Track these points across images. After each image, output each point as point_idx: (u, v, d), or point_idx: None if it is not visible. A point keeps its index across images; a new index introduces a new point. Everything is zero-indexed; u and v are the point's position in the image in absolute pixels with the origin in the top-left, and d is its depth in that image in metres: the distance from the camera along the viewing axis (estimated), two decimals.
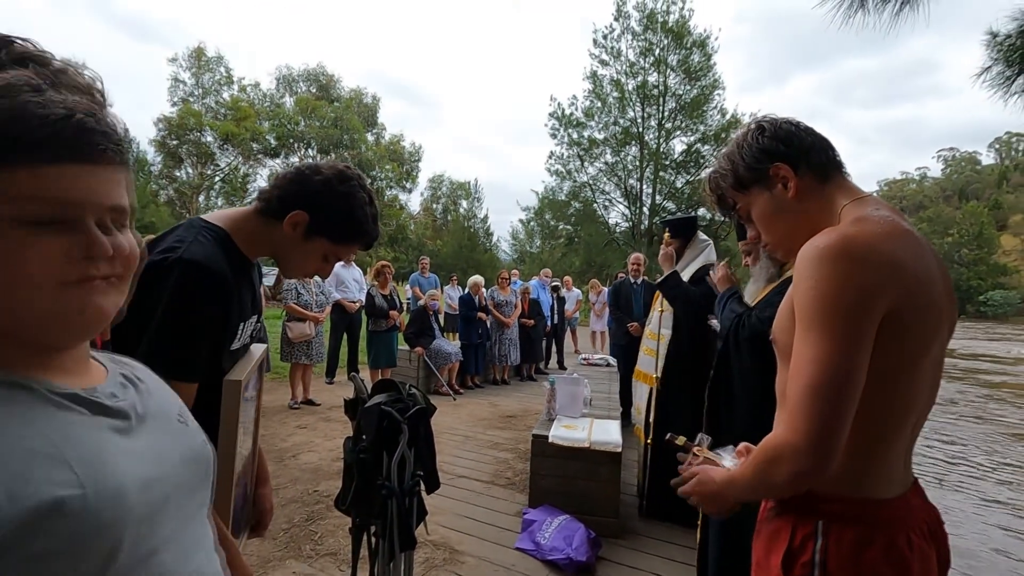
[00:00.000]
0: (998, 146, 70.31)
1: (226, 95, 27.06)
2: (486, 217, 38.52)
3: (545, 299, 8.77)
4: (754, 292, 2.05)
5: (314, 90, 28.98)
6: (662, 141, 24.13)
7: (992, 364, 13.76)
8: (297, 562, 2.57)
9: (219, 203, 26.86)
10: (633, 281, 5.70)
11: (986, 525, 3.88)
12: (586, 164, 25.18)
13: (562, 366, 8.87)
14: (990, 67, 3.39)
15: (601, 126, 24.71)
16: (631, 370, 3.88)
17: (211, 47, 28.01)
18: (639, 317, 5.25)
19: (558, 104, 24.61)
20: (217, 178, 26.90)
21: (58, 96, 0.46)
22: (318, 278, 5.64)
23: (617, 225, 26.07)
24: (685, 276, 3.13)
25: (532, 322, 7.85)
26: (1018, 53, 3.29)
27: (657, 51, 23.21)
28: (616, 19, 23.61)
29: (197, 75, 26.68)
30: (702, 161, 23.46)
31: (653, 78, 23.57)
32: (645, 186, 24.75)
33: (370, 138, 28.70)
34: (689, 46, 22.95)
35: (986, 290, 44.25)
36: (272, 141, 26.58)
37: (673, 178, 24.66)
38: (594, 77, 24.29)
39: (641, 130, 24.17)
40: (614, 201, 25.73)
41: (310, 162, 1.18)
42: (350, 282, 6.49)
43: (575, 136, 24.81)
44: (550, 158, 25.38)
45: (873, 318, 0.81)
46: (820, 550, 0.88)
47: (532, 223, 28.70)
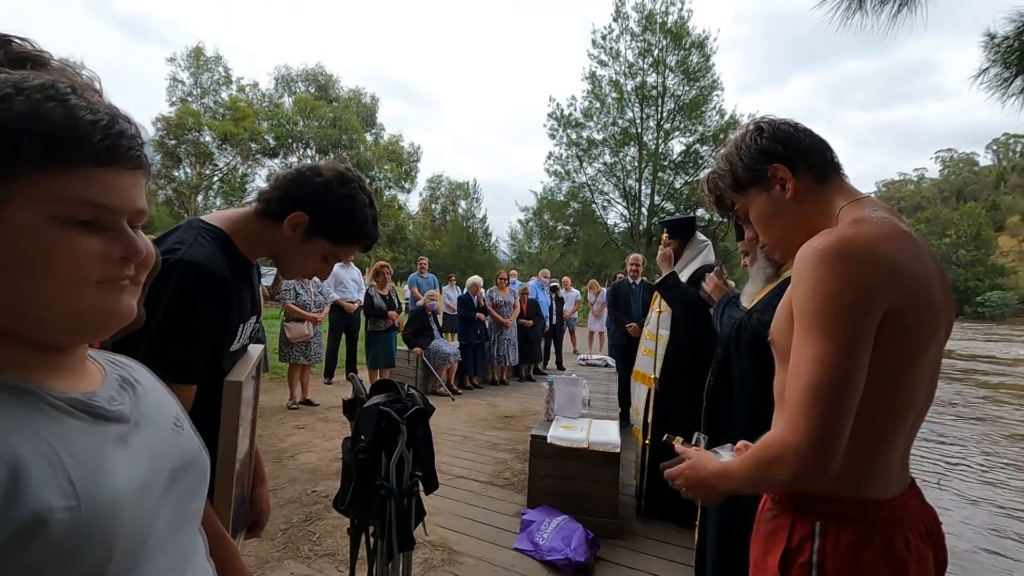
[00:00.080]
0: (996, 147, 70.52)
1: (225, 95, 27.03)
2: (485, 217, 38.45)
3: (544, 299, 8.77)
4: (752, 293, 2.05)
5: (313, 90, 28.95)
6: (661, 142, 24.12)
7: (991, 365, 13.78)
8: (295, 562, 2.56)
9: (217, 203, 26.82)
10: (632, 282, 5.70)
11: (982, 526, 3.89)
12: (585, 164, 25.18)
13: (560, 366, 8.87)
14: (988, 69, 3.40)
15: (600, 127, 24.70)
16: (630, 371, 3.88)
17: (210, 47, 27.96)
18: (637, 318, 5.26)
19: (557, 104, 24.62)
20: (216, 178, 26.87)
21: (95, 99, 0.47)
22: (317, 278, 5.63)
23: (616, 226, 26.08)
24: (683, 277, 3.13)
25: (531, 322, 7.85)
26: (1016, 55, 3.29)
27: (656, 52, 23.20)
28: (615, 19, 23.61)
29: (196, 75, 26.65)
30: (701, 162, 23.45)
31: (652, 79, 23.56)
32: (644, 187, 24.76)
33: (369, 138, 28.68)
34: (688, 47, 22.95)
35: (984, 291, 44.38)
36: (271, 141, 26.55)
37: (672, 179, 24.67)
38: (593, 78, 24.29)
39: (640, 131, 24.17)
40: (613, 202, 25.75)
41: (310, 163, 1.18)
42: (349, 282, 6.48)
43: (574, 136, 24.80)
44: (549, 158, 25.38)
45: (872, 319, 0.81)
46: (818, 551, 0.88)
47: (531, 223, 28.67)
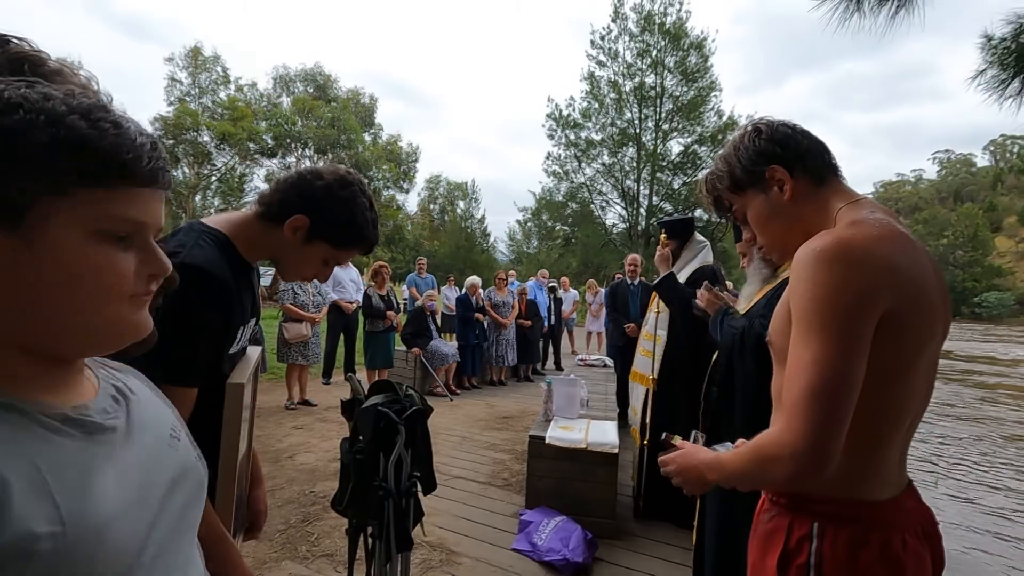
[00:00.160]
0: (993, 148, 70.63)
1: (223, 95, 26.95)
2: (483, 218, 38.42)
3: (542, 300, 8.77)
4: (750, 294, 2.05)
5: (311, 90, 28.88)
6: (659, 142, 24.17)
7: (989, 366, 13.80)
8: (293, 563, 2.56)
9: (215, 203, 26.74)
10: (630, 282, 5.71)
11: (979, 527, 3.90)
12: (583, 165, 25.23)
13: (559, 367, 8.87)
14: (985, 70, 3.41)
15: (598, 127, 24.78)
16: (628, 371, 3.88)
17: (208, 47, 27.90)
18: (636, 318, 5.26)
19: (555, 105, 24.68)
20: (214, 178, 26.78)
21: (131, 119, 0.50)
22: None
23: (614, 226, 26.13)
24: (681, 277, 3.13)
25: (529, 323, 7.84)
26: (1013, 56, 3.30)
27: (654, 52, 23.25)
28: (613, 20, 23.68)
29: (194, 75, 26.56)
30: (699, 162, 23.51)
31: (650, 79, 23.62)
32: (642, 187, 24.80)
33: (367, 138, 28.62)
34: (686, 47, 23.00)
35: (981, 292, 44.49)
36: (269, 141, 26.48)
37: (670, 179, 24.73)
38: (591, 78, 24.35)
39: (638, 131, 24.22)
40: (611, 202, 25.81)
41: (311, 166, 1.18)
42: (347, 283, 6.47)
43: (572, 137, 24.86)
44: (547, 159, 25.47)
45: (870, 320, 0.81)
46: (815, 551, 0.88)
47: (529, 224, 28.68)
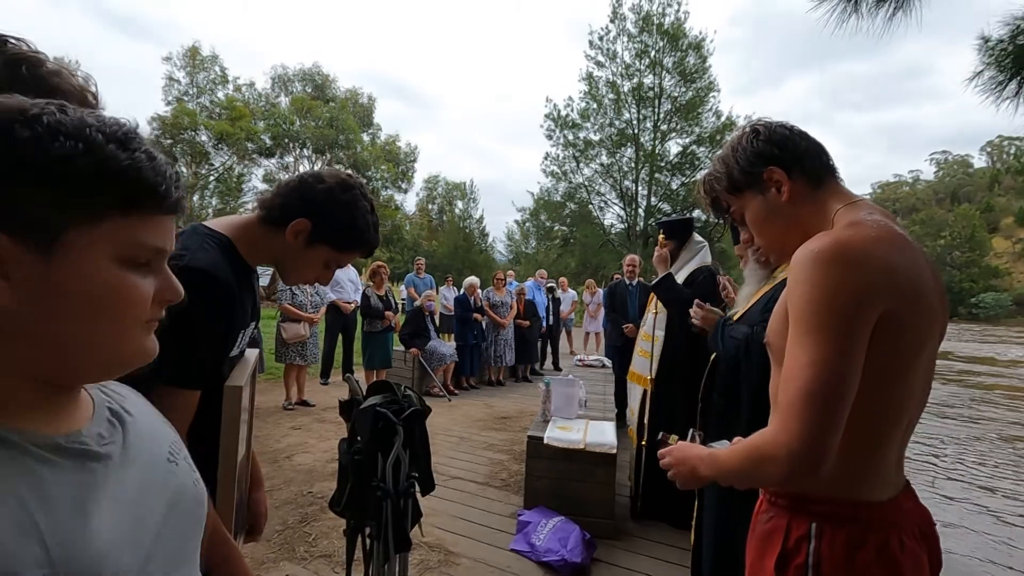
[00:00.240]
0: (990, 149, 70.85)
1: (221, 94, 26.91)
2: (482, 218, 38.45)
3: (541, 300, 8.77)
4: (747, 295, 2.05)
5: (309, 90, 28.86)
6: (657, 143, 24.19)
7: (988, 367, 13.81)
8: (291, 564, 2.55)
9: (213, 203, 26.69)
10: (628, 283, 5.71)
11: (975, 529, 3.90)
12: (582, 165, 25.23)
13: (557, 367, 8.87)
14: (982, 71, 3.42)
15: (597, 128, 24.77)
16: (626, 371, 3.88)
17: (206, 46, 27.84)
18: (634, 319, 5.26)
19: (554, 105, 24.68)
20: (212, 178, 26.76)
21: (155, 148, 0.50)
22: None
23: (612, 226, 26.13)
24: (680, 278, 3.13)
25: (528, 323, 7.84)
26: (1010, 58, 3.31)
27: (653, 53, 23.26)
28: (612, 20, 23.68)
29: (192, 74, 26.53)
30: (697, 163, 23.54)
31: (649, 80, 23.63)
32: (640, 187, 24.81)
33: (366, 138, 28.60)
34: (684, 48, 23.02)
35: (978, 292, 44.62)
36: (267, 141, 26.45)
37: (668, 180, 24.73)
38: (590, 79, 24.35)
39: (636, 132, 24.22)
40: (609, 202, 25.80)
41: (312, 170, 1.19)
42: (345, 283, 6.47)
43: (571, 137, 24.85)
44: (546, 159, 25.43)
45: (867, 322, 0.81)
46: (813, 552, 0.88)
47: (528, 224, 28.65)
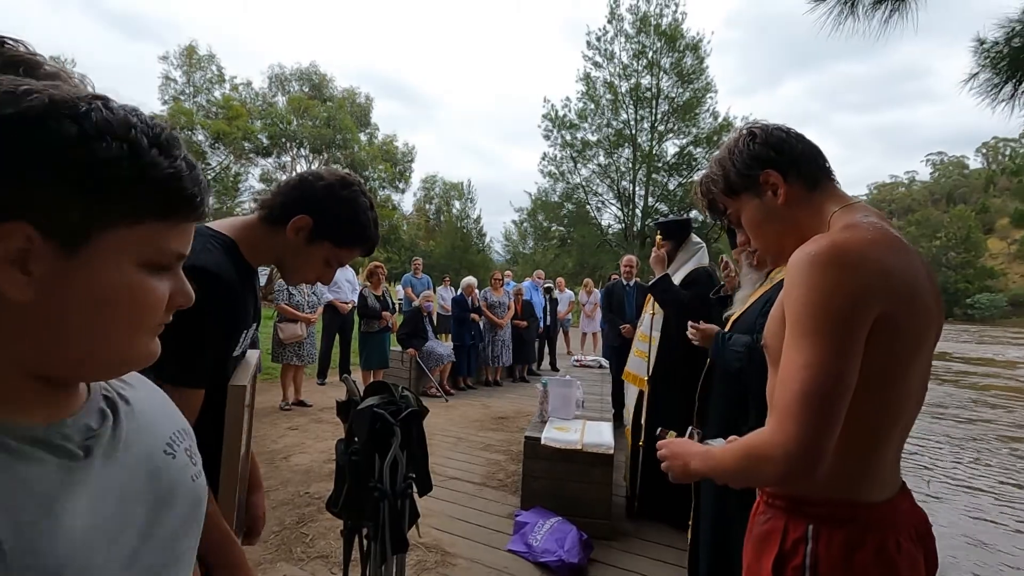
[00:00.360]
0: (985, 151, 71.25)
1: (217, 94, 26.79)
2: (479, 218, 38.42)
3: (538, 300, 8.79)
4: (744, 297, 2.06)
5: (307, 89, 28.78)
6: (655, 143, 24.24)
7: (986, 367, 13.85)
8: (288, 565, 2.55)
9: (210, 202, 26.62)
10: (626, 283, 5.72)
11: (972, 529, 3.92)
12: (579, 166, 25.25)
13: (554, 367, 8.88)
14: (977, 73, 3.43)
15: (594, 128, 24.79)
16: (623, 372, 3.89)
17: (203, 45, 27.79)
18: (631, 319, 5.26)
19: (551, 106, 24.69)
20: (208, 177, 26.70)
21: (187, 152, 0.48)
22: None
23: (610, 227, 26.14)
24: (677, 279, 3.13)
25: (525, 323, 7.85)
26: (1005, 60, 3.33)
27: (650, 54, 23.30)
28: (609, 21, 23.71)
29: (188, 73, 26.41)
30: (694, 163, 23.58)
31: (646, 80, 23.67)
32: (638, 188, 24.84)
33: (363, 138, 28.50)
34: (682, 49, 23.06)
35: (973, 293, 44.86)
36: (264, 140, 26.34)
37: (666, 180, 24.77)
38: (587, 79, 24.37)
39: (634, 132, 24.26)
40: (607, 203, 25.83)
41: (311, 169, 1.19)
42: (342, 283, 6.46)
43: (568, 138, 24.86)
44: (543, 159, 25.45)
45: (863, 323, 0.81)
46: (810, 553, 0.89)
47: (525, 224, 28.66)
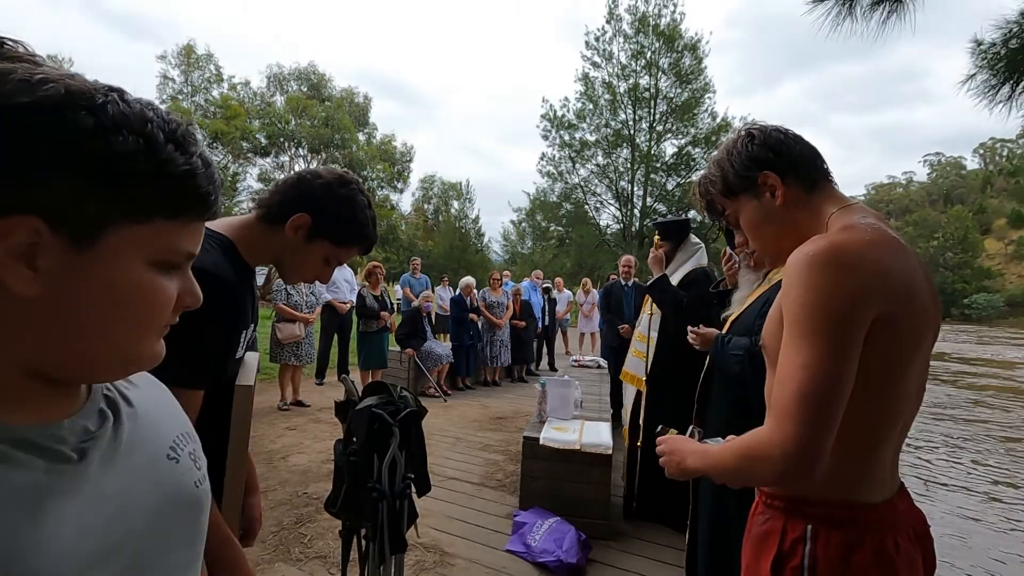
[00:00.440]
0: (983, 151, 71.41)
1: (216, 93, 26.75)
2: (477, 218, 38.48)
3: (536, 300, 8.79)
4: (742, 298, 2.06)
5: (305, 89, 28.75)
6: (653, 143, 24.25)
7: (985, 368, 13.87)
8: (286, 565, 2.55)
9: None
10: (624, 283, 5.73)
11: (970, 530, 3.93)
12: (577, 166, 25.26)
13: (553, 368, 8.88)
14: (975, 74, 3.44)
15: (592, 128, 24.79)
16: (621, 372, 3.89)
17: (201, 45, 27.71)
18: (630, 319, 5.26)
19: (550, 106, 24.70)
20: None
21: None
22: None
23: (608, 227, 26.15)
24: (675, 279, 3.12)
25: (523, 323, 7.85)
26: (1002, 61, 3.34)
27: (649, 54, 23.31)
28: (608, 21, 23.71)
29: (186, 72, 26.36)
30: (693, 164, 23.59)
31: (645, 81, 23.67)
32: (636, 188, 24.85)
33: (361, 138, 28.48)
34: (680, 49, 23.07)
35: (970, 293, 44.99)
36: (262, 140, 26.30)
37: (664, 180, 24.78)
38: (586, 79, 24.37)
39: (632, 132, 24.27)
40: (605, 203, 25.84)
41: (309, 168, 1.19)
42: (341, 283, 6.45)
43: (567, 138, 24.87)
44: (542, 159, 25.45)
45: (861, 324, 0.82)
46: (809, 554, 0.89)
47: (523, 224, 28.67)
